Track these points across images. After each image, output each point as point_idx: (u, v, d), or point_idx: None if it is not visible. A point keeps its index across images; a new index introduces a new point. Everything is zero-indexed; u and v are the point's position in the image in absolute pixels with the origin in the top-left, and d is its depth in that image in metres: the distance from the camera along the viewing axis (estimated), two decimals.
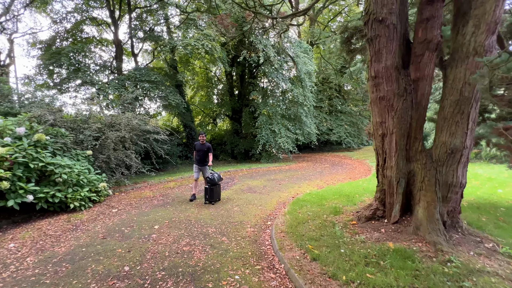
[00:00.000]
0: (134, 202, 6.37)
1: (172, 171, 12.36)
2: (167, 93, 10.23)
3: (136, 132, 8.33)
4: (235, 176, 10.45)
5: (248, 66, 18.09)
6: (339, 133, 23.13)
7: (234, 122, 19.03)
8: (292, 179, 9.68)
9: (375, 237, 3.61)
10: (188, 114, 16.10)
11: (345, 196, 6.15)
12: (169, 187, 8.11)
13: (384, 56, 3.73)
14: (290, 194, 7.21)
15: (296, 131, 16.60)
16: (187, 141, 16.66)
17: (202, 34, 10.00)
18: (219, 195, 6.59)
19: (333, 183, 9.01)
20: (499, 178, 8.26)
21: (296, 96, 16.04)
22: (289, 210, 5.23)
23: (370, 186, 7.49)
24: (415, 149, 3.79)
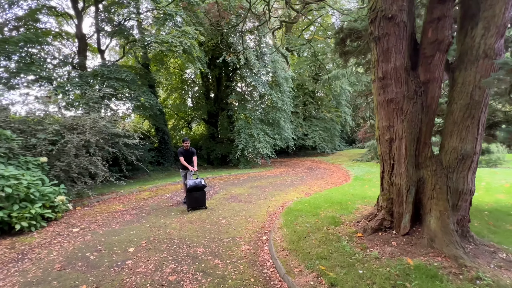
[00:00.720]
0: (101, 218, 5.39)
1: (144, 179, 11.21)
2: (140, 93, 9.21)
3: (103, 135, 7.28)
4: (215, 183, 9.72)
5: (225, 69, 17.53)
6: (314, 138, 23.45)
7: (210, 126, 18.23)
8: (276, 185, 9.25)
9: (388, 252, 3.27)
10: (161, 117, 14.98)
11: (337, 204, 5.85)
12: (143, 198, 7.15)
13: (393, 56, 3.48)
14: (278, 203, 6.74)
15: (274, 136, 16.33)
16: (159, 145, 15.47)
17: (180, 31, 9.24)
18: (204, 202, 6.11)
19: (318, 189, 8.76)
20: None
21: (275, 101, 15.83)
22: (284, 222, 4.74)
23: (357, 192, 7.34)
24: (424, 155, 3.56)
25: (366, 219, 4.44)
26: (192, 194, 5.93)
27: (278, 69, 16.06)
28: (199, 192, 5.99)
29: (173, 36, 9.07)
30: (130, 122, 8.64)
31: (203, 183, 6.02)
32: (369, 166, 14.12)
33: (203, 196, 6.11)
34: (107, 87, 8.54)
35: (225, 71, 17.89)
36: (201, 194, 6.05)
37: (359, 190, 7.83)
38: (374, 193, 7.08)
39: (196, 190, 5.94)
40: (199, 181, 6.00)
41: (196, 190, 5.94)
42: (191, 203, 5.95)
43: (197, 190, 5.94)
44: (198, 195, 6.00)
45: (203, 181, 6.09)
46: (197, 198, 6.01)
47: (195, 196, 5.98)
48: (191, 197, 5.94)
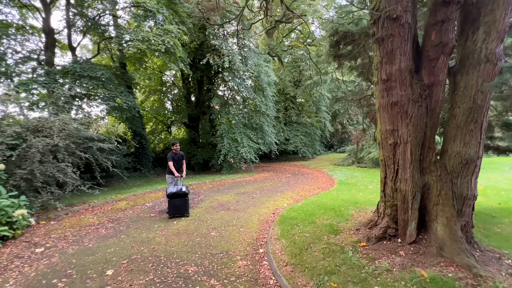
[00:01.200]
0: (71, 234, 4.69)
1: (120, 187, 10.33)
2: (117, 93, 8.45)
3: (74, 139, 6.50)
4: (199, 190, 9.17)
5: (206, 71, 17.05)
6: (295, 143, 23.59)
7: (191, 131, 17.55)
8: (263, 191, 8.93)
9: (398, 263, 3.08)
10: (139, 120, 14.10)
11: (331, 211, 5.66)
12: (120, 209, 6.45)
13: (398, 57, 3.36)
14: (269, 210, 6.42)
15: (258, 141, 16.07)
16: (136, 150, 14.51)
17: (162, 29, 8.68)
18: (186, 210, 5.79)
19: (306, 194, 8.58)
20: None
21: (258, 105, 15.62)
22: (281, 233, 4.42)
23: (347, 197, 7.24)
24: (428, 159, 3.46)
25: (366, 226, 4.27)
26: (173, 201, 5.65)
27: (261, 74, 15.94)
28: (180, 199, 5.71)
29: (155, 34, 8.50)
30: (106, 124, 7.84)
31: (184, 190, 5.70)
32: (351, 171, 14.33)
33: (185, 203, 5.78)
34: (79, 86, 7.71)
35: (207, 74, 17.40)
36: (183, 201, 5.75)
37: (347, 195, 7.76)
38: (364, 199, 7.04)
39: (177, 197, 5.66)
40: (180, 188, 5.71)
41: (177, 197, 5.66)
42: (171, 211, 5.68)
43: (178, 197, 5.67)
44: (178, 202, 5.70)
45: (184, 187, 5.78)
46: (178, 205, 5.70)
47: (176, 203, 5.68)
48: (171, 204, 5.66)
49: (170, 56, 9.22)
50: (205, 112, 18.49)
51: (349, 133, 32.36)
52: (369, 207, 5.96)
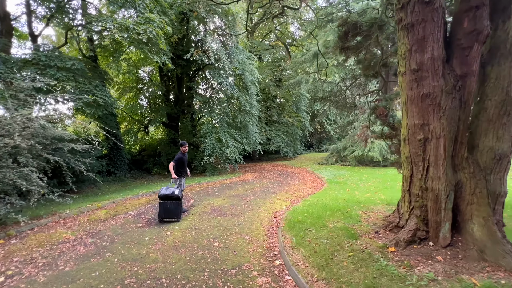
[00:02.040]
0: (41, 255, 3.79)
1: (93, 193, 9.18)
2: (92, 88, 7.38)
3: (40, 139, 5.46)
4: (187, 193, 8.40)
5: (186, 68, 16.14)
6: (277, 143, 23.40)
7: (170, 130, 16.48)
8: (256, 193, 8.42)
9: (441, 271, 2.77)
10: (113, 119, 12.84)
11: (337, 212, 5.33)
12: (99, 219, 5.52)
13: (431, 45, 3.07)
14: (269, 214, 5.93)
15: (242, 140, 15.50)
16: (110, 152, 13.21)
17: (143, 17, 7.79)
18: (176, 215, 5.39)
19: (301, 195, 8.25)
20: None
21: (243, 104, 15.06)
22: (296, 240, 3.96)
23: (346, 197, 7.01)
24: (461, 155, 3.22)
25: (386, 228, 3.97)
26: (164, 204, 5.35)
27: (245, 71, 15.39)
28: (172, 202, 5.37)
29: (135, 23, 7.60)
30: (75, 122, 6.73)
31: (176, 193, 5.37)
32: (336, 169, 14.36)
33: (176, 207, 5.37)
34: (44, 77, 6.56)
35: (187, 71, 16.47)
36: (174, 205, 5.37)
37: (345, 194, 7.54)
38: (364, 198, 6.84)
39: (168, 199, 5.36)
40: (173, 191, 5.43)
41: (168, 199, 5.36)
42: (161, 213, 5.34)
43: (169, 199, 5.36)
44: (169, 206, 5.35)
45: (177, 191, 5.44)
46: (169, 209, 5.34)
47: (167, 206, 5.34)
48: (163, 206, 5.34)
49: (151, 47, 8.33)
50: (185, 111, 17.52)
51: (327, 133, 33.09)
52: (374, 206, 5.74)
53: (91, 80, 7.68)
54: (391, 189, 8.03)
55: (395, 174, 11.20)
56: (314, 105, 30.03)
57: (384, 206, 5.71)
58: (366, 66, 5.06)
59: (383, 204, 5.93)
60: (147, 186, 10.44)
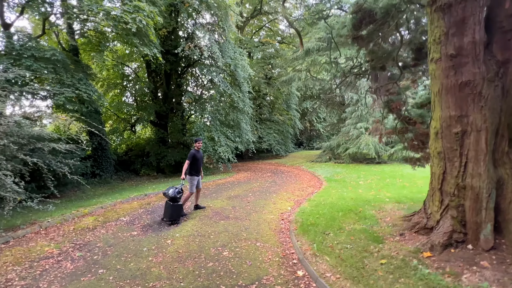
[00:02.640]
0: (18, 275, 3.15)
1: (77, 197, 8.38)
2: (75, 81, 6.61)
3: (16, 138, 4.74)
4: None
5: (175, 64, 15.40)
6: (269, 141, 23.07)
7: (159, 129, 15.69)
8: (255, 193, 7.98)
9: (493, 279, 2.46)
10: (97, 117, 11.94)
11: (350, 212, 5.00)
12: (87, 228, 4.87)
13: (471, 27, 2.76)
14: (275, 216, 5.51)
15: (235, 139, 14.99)
16: (94, 153, 12.31)
17: (131, 5, 7.11)
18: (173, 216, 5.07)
19: (303, 194, 7.90)
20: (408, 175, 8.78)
21: (236, 101, 14.54)
22: (317, 246, 3.55)
23: (352, 196, 6.71)
24: (501, 150, 2.94)
25: (411, 230, 3.66)
26: (166, 203, 5.13)
27: (238, 68, 14.87)
28: (167, 202, 5.13)
29: (123, 11, 6.91)
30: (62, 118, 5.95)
31: (170, 194, 5.09)
32: (331, 167, 14.18)
33: (173, 209, 5.03)
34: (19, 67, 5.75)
35: (176, 67, 15.72)
36: (170, 206, 5.06)
37: (350, 193, 7.24)
38: (372, 196, 6.56)
39: (169, 200, 5.11)
40: (167, 191, 5.17)
41: (169, 200, 5.11)
42: (164, 213, 5.18)
43: (169, 200, 5.11)
44: (166, 205, 5.14)
45: (171, 191, 5.16)
46: (166, 209, 5.11)
47: (166, 206, 5.12)
48: (165, 206, 5.16)
49: (141, 39, 7.65)
50: (174, 109, 16.77)
51: (317, 131, 33.17)
52: (384, 205, 5.47)
53: (73, 73, 6.91)
54: (393, 186, 7.85)
55: (392, 171, 11.14)
56: (303, 103, 30.01)
57: (395, 205, 5.45)
58: (379, 56, 4.74)
59: (393, 203, 5.68)
60: (137, 188, 9.72)
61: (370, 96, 14.91)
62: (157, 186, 9.46)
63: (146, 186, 10.06)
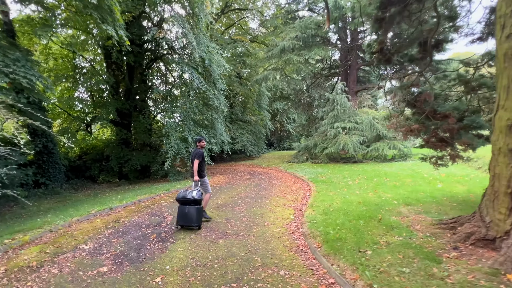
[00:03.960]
0: None
1: (14, 216, 6.42)
2: (10, 61, 4.80)
3: None
4: (159, 208, 6.42)
5: (140, 56, 13.58)
6: (242, 142, 22.15)
7: (121, 129, 13.65)
8: (245, 200, 6.97)
9: None
10: (42, 114, 9.69)
11: (371, 221, 4.33)
12: (27, 267, 3.33)
13: None
14: (281, 229, 4.60)
15: (210, 140, 13.72)
16: (38, 157, 10.01)
17: None
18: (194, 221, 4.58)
19: (297, 199, 7.14)
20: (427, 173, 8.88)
21: (211, 98, 13.29)
22: (372, 275, 2.73)
23: (359, 199, 6.11)
24: None
25: (466, 242, 3.07)
26: (182, 208, 4.63)
27: (213, 62, 13.64)
28: (191, 207, 4.59)
29: None
30: None
31: (194, 196, 4.60)
32: (310, 167, 13.80)
33: (196, 212, 4.56)
34: None
35: (140, 60, 13.89)
36: (193, 209, 4.57)
37: (352, 195, 6.62)
38: (374, 199, 6.02)
39: (186, 203, 4.64)
40: (191, 194, 4.70)
41: (186, 203, 4.64)
42: (178, 219, 4.64)
43: (187, 203, 4.63)
44: (187, 210, 4.57)
45: (195, 193, 4.68)
46: (187, 214, 4.56)
47: (185, 211, 4.58)
48: (179, 211, 4.64)
49: (103, 15, 6.08)
50: (139, 107, 14.84)
51: (287, 131, 33.23)
52: (396, 209, 4.96)
53: (6, 50, 5.05)
54: (385, 186, 7.54)
55: (373, 169, 11.06)
56: (274, 104, 29.75)
57: (408, 208, 4.98)
58: (412, 39, 4.14)
59: (403, 205, 5.21)
60: (98, 200, 7.93)
61: (346, 97, 15.00)
62: (124, 196, 7.81)
63: (109, 197, 8.30)
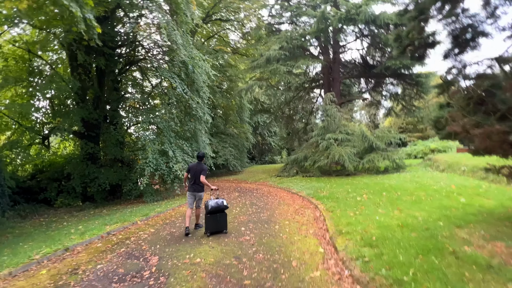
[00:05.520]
0: None
1: None
2: None
3: None
4: (136, 241, 4.70)
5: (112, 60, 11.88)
6: (225, 156, 20.66)
7: (87, 143, 11.55)
8: (249, 227, 5.51)
9: None
10: None
11: (446, 255, 3.18)
12: None
13: None
14: (320, 273, 3.27)
15: (193, 153, 12.07)
16: None
17: None
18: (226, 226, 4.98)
19: (309, 222, 5.91)
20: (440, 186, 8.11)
21: (194, 108, 11.82)
22: None
23: (396, 221, 5.03)
24: None
25: None
26: (213, 217, 4.89)
27: (196, 69, 12.30)
28: (221, 214, 4.96)
29: None
30: None
31: (225, 204, 4.95)
32: (303, 181, 12.72)
33: (225, 218, 5.02)
34: None
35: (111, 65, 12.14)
36: (223, 216, 4.96)
37: (382, 217, 5.40)
38: (420, 221, 4.81)
39: (217, 212, 4.91)
40: (222, 202, 4.97)
41: (217, 212, 4.91)
42: (209, 227, 4.91)
43: (218, 212, 4.92)
44: (219, 218, 4.94)
45: (225, 201, 4.98)
46: (219, 221, 4.93)
47: (217, 219, 4.91)
48: (211, 220, 4.89)
49: (69, 13, 4.55)
50: (108, 118, 12.82)
51: (268, 144, 32.31)
52: (457, 233, 3.93)
53: None
54: (403, 201, 6.60)
55: (375, 183, 10.15)
56: (255, 117, 28.88)
57: (462, 231, 3.97)
58: None
59: (453, 228, 4.20)
60: (51, 233, 5.90)
61: (336, 107, 14.46)
62: (87, 227, 5.89)
63: (66, 228, 6.30)
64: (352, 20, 13.17)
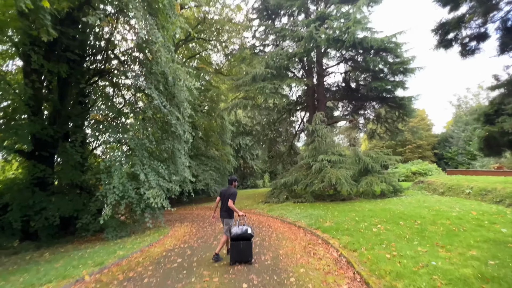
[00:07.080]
0: None
1: None
2: None
3: None
4: None
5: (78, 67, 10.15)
6: (205, 180, 18.69)
7: (36, 165, 9.27)
8: (252, 282, 3.86)
9: None
10: None
11: None
12: None
13: None
14: None
15: (170, 177, 10.16)
16: None
17: None
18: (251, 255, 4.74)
19: (340, 270, 4.37)
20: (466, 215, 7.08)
21: (174, 124, 10.11)
22: None
23: (471, 271, 3.68)
24: None
25: None
26: (237, 245, 4.65)
27: (177, 81, 10.85)
28: (244, 243, 4.66)
29: None
30: None
31: (249, 232, 4.69)
32: (297, 208, 11.21)
33: (250, 247, 4.70)
34: None
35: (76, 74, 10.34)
36: (247, 245, 4.65)
37: (435, 259, 4.10)
38: (473, 261, 3.66)
39: (241, 239, 4.67)
40: (246, 229, 4.72)
41: (241, 239, 4.67)
42: (233, 256, 4.68)
43: (242, 239, 4.67)
44: (242, 246, 4.65)
45: (249, 229, 4.71)
46: (242, 250, 4.66)
47: (240, 247, 4.65)
48: (234, 248, 4.68)
49: None
50: (69, 135, 10.65)
51: (250, 168, 30.71)
52: None
53: None
54: (433, 234, 5.39)
55: (382, 209, 8.86)
56: (236, 139, 27.54)
57: None
58: None
59: None
60: None
61: (326, 127, 13.64)
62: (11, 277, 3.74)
63: None
64: (340, 42, 12.95)
